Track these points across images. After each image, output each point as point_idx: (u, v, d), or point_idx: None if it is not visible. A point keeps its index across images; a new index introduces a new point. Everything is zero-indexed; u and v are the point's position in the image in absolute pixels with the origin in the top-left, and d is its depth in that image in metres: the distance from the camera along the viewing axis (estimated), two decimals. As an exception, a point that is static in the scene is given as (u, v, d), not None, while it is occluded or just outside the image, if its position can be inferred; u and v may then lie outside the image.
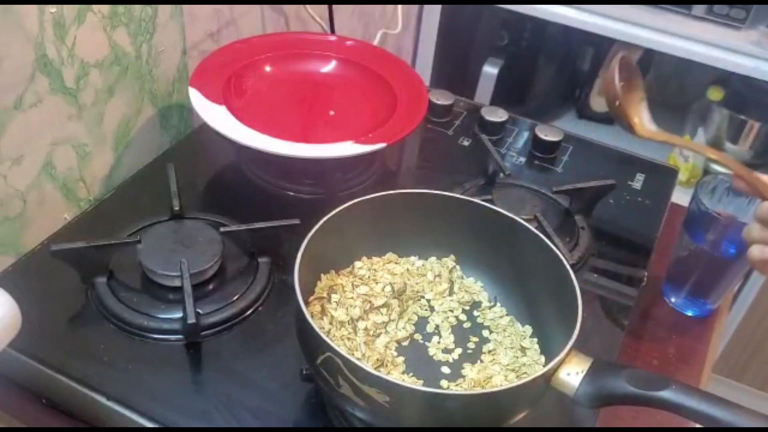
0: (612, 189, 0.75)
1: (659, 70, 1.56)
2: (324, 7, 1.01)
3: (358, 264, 0.60)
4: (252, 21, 0.92)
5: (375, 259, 0.61)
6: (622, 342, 0.63)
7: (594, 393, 0.46)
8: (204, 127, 0.74)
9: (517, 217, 0.57)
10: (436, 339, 0.56)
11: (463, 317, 0.59)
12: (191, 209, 0.66)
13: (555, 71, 1.50)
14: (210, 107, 0.71)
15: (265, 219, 0.62)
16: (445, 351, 0.56)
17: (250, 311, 0.59)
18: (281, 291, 0.62)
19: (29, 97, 0.61)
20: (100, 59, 0.68)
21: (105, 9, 0.66)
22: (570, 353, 0.47)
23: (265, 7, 0.94)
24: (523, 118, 0.92)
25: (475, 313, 0.59)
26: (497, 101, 1.32)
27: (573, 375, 0.46)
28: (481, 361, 0.55)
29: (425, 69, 1.46)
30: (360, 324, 0.55)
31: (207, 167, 0.78)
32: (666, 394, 0.44)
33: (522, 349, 0.56)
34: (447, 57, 1.47)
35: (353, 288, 0.58)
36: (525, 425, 0.51)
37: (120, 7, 0.68)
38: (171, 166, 0.68)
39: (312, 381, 0.53)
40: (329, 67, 0.85)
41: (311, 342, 0.47)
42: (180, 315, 0.56)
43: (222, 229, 0.62)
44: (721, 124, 1.34)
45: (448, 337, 0.57)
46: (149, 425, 0.50)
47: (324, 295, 0.56)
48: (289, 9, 0.99)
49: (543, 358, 0.54)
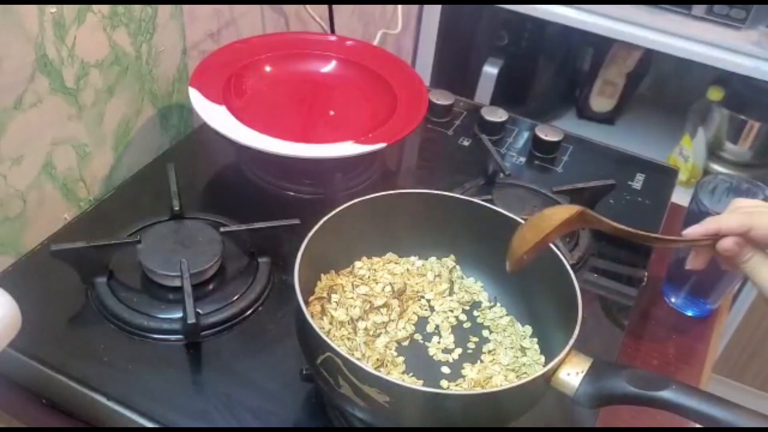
0: (612, 189, 0.75)
1: (659, 70, 1.56)
2: (324, 7, 1.01)
3: (358, 264, 0.60)
4: (252, 21, 0.92)
5: (375, 259, 0.61)
6: (622, 342, 0.63)
7: (594, 393, 0.46)
8: (204, 127, 0.74)
9: (517, 217, 0.57)
10: (436, 339, 0.56)
11: (463, 317, 0.59)
12: (191, 209, 0.66)
13: (555, 71, 1.50)
14: (210, 107, 0.71)
15: (265, 219, 0.62)
16: (445, 351, 0.56)
17: (250, 311, 0.59)
18: (281, 291, 0.62)
19: (29, 97, 0.61)
20: (100, 59, 0.68)
21: (105, 9, 0.66)
22: (570, 353, 0.47)
23: (265, 7, 0.93)
24: (523, 118, 0.92)
25: (475, 313, 0.59)
26: (497, 101, 1.32)
27: (573, 375, 0.46)
28: (481, 361, 0.55)
29: (425, 69, 1.46)
30: (360, 324, 0.55)
31: (207, 167, 0.78)
32: (666, 394, 0.44)
33: (522, 349, 0.56)
34: (447, 57, 1.47)
35: (353, 288, 0.58)
36: (525, 425, 0.51)
37: (120, 7, 0.68)
38: (171, 166, 0.68)
39: (312, 381, 0.53)
40: (329, 67, 0.85)
41: (311, 342, 0.47)
42: (180, 315, 0.56)
43: (222, 229, 0.62)
44: (721, 124, 1.34)
45: (448, 337, 0.57)
46: (149, 425, 0.50)
47: (324, 295, 0.56)
48: (289, 9, 0.99)
49: (543, 358, 0.54)
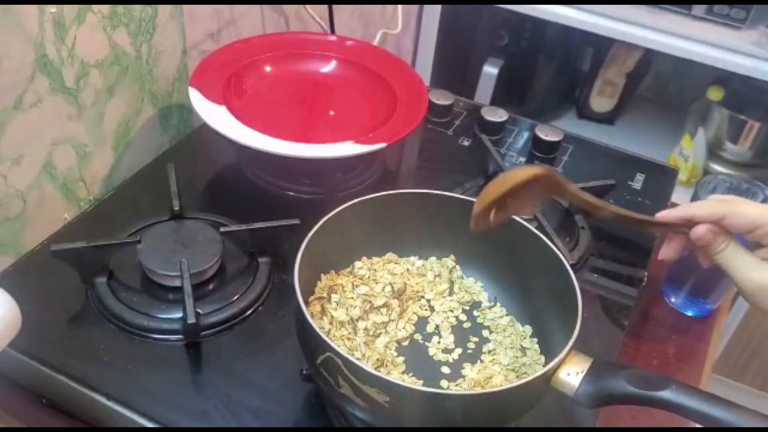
0: (612, 189, 0.75)
1: (659, 70, 1.56)
2: (324, 7, 1.01)
3: (358, 264, 0.60)
4: (252, 21, 0.92)
5: (375, 259, 0.61)
6: (622, 342, 0.63)
7: (594, 393, 0.46)
8: (204, 127, 0.74)
9: (517, 217, 0.57)
10: (436, 339, 0.56)
11: (463, 317, 0.59)
12: (191, 209, 0.66)
13: (555, 71, 1.50)
14: (210, 107, 0.71)
15: (265, 219, 0.62)
16: (445, 351, 0.56)
17: (250, 311, 0.59)
18: (281, 291, 0.62)
19: (29, 97, 0.61)
20: (100, 59, 0.68)
21: (105, 9, 0.66)
22: (570, 353, 0.47)
23: (265, 7, 0.93)
24: (523, 118, 0.92)
25: (475, 313, 0.59)
26: (497, 101, 1.32)
27: (573, 375, 0.46)
28: (481, 361, 0.55)
29: (425, 69, 1.46)
30: (360, 324, 0.55)
31: (207, 167, 0.78)
32: (666, 394, 0.44)
33: (522, 349, 0.56)
34: (447, 57, 1.47)
35: (353, 288, 0.58)
36: (525, 425, 0.51)
37: (120, 7, 0.68)
38: (171, 166, 0.68)
39: (312, 381, 0.53)
40: (329, 67, 0.85)
41: (311, 342, 0.47)
42: (180, 315, 0.56)
43: (222, 229, 0.62)
44: (721, 124, 1.34)
45: (448, 337, 0.57)
46: (149, 425, 0.50)
47: (324, 295, 0.56)
48: (289, 9, 0.99)
49: (543, 358, 0.54)
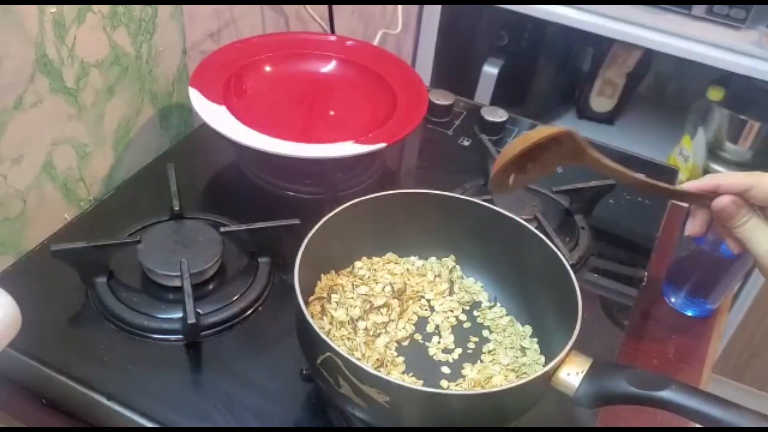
0: (612, 189, 0.75)
1: (659, 70, 1.56)
2: (324, 7, 1.01)
3: (358, 264, 0.60)
4: (252, 21, 0.92)
5: (375, 259, 0.61)
6: (622, 342, 0.63)
7: (594, 393, 0.46)
8: (204, 127, 0.74)
9: (517, 217, 0.57)
10: (436, 339, 0.56)
11: (463, 317, 0.59)
12: (191, 209, 0.66)
13: (555, 71, 1.50)
14: (210, 107, 0.71)
15: (265, 219, 0.62)
16: (445, 351, 0.56)
17: (250, 311, 0.59)
18: (281, 291, 0.62)
19: (29, 97, 0.61)
20: (100, 59, 0.68)
21: (105, 9, 0.66)
22: (570, 353, 0.47)
23: (265, 7, 0.93)
24: (523, 118, 0.92)
25: (475, 313, 0.59)
26: (497, 101, 1.32)
27: (573, 375, 0.46)
28: (481, 361, 0.55)
29: (425, 69, 1.46)
30: (360, 324, 0.55)
31: (207, 167, 0.78)
32: (666, 394, 0.44)
33: (522, 349, 0.56)
34: (447, 57, 1.47)
35: (353, 288, 0.58)
36: (525, 425, 0.51)
37: (120, 7, 0.68)
38: (171, 166, 0.68)
39: (312, 381, 0.53)
40: (329, 67, 0.85)
41: (311, 342, 0.47)
42: (180, 315, 0.56)
43: (222, 229, 0.62)
44: (721, 124, 1.34)
45: (448, 337, 0.57)
46: (149, 425, 0.50)
47: (324, 295, 0.56)
48: (289, 9, 0.99)
49: (543, 358, 0.54)
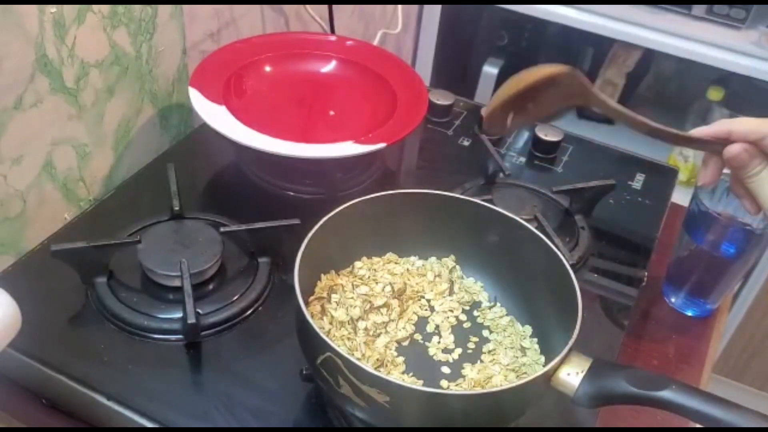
0: (612, 189, 0.75)
1: (659, 70, 1.56)
2: (324, 7, 1.01)
3: (358, 264, 0.60)
4: (252, 21, 0.92)
5: (375, 259, 0.61)
6: (622, 342, 0.63)
7: (594, 393, 0.46)
8: (204, 127, 0.74)
9: (517, 217, 0.57)
10: (436, 339, 0.56)
11: (463, 317, 0.59)
12: (191, 209, 0.66)
13: (555, 71, 1.50)
14: (210, 107, 0.71)
15: (265, 219, 0.62)
16: (445, 351, 0.56)
17: (250, 311, 0.59)
18: (281, 291, 0.62)
19: (29, 97, 0.61)
20: (100, 59, 0.68)
21: (105, 9, 0.66)
22: (570, 353, 0.47)
23: (265, 7, 0.93)
24: (523, 118, 0.92)
25: (475, 313, 0.59)
26: (497, 101, 1.32)
27: (573, 375, 0.46)
28: (481, 361, 0.55)
29: (425, 69, 1.46)
30: (360, 324, 0.55)
31: (207, 167, 0.78)
32: (666, 394, 0.44)
33: (522, 349, 0.56)
34: (447, 57, 1.47)
35: (353, 288, 0.58)
36: (525, 425, 0.51)
37: (120, 7, 0.68)
38: (171, 166, 0.68)
39: (312, 381, 0.53)
40: (329, 67, 0.85)
41: (311, 342, 0.47)
42: (180, 315, 0.56)
43: (222, 229, 0.62)
44: (721, 124, 1.34)
45: (448, 337, 0.57)
46: (149, 425, 0.50)
47: (324, 295, 0.56)
48: (289, 9, 0.99)
49: (543, 358, 0.54)
